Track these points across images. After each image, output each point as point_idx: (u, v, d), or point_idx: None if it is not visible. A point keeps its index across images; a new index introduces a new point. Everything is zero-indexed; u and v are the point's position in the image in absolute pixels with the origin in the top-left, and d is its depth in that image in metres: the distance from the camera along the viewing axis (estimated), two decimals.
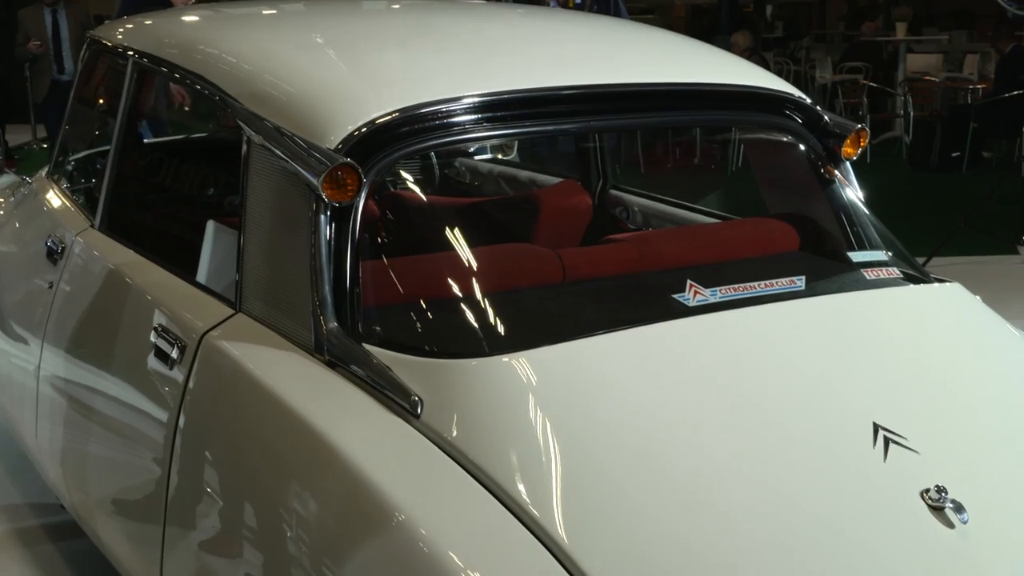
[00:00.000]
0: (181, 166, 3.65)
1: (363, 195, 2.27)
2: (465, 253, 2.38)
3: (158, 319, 2.65)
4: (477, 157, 4.12)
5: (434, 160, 3.90)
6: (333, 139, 2.31)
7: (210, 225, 2.86)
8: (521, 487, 1.90)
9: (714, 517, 1.90)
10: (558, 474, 1.93)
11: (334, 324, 2.22)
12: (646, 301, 2.37)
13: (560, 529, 1.83)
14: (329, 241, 2.26)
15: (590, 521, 1.87)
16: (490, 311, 2.26)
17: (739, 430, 2.05)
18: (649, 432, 2.02)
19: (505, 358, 2.09)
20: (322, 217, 2.26)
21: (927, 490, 1.97)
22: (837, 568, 1.87)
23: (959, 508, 1.95)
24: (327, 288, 2.23)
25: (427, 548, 1.83)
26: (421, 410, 2.05)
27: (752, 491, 1.95)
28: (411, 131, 2.37)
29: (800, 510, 1.93)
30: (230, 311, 2.49)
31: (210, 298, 2.61)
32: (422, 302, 2.31)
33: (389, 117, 2.35)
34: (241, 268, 2.47)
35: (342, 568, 1.97)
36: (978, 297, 2.60)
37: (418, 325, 2.31)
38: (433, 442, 2.01)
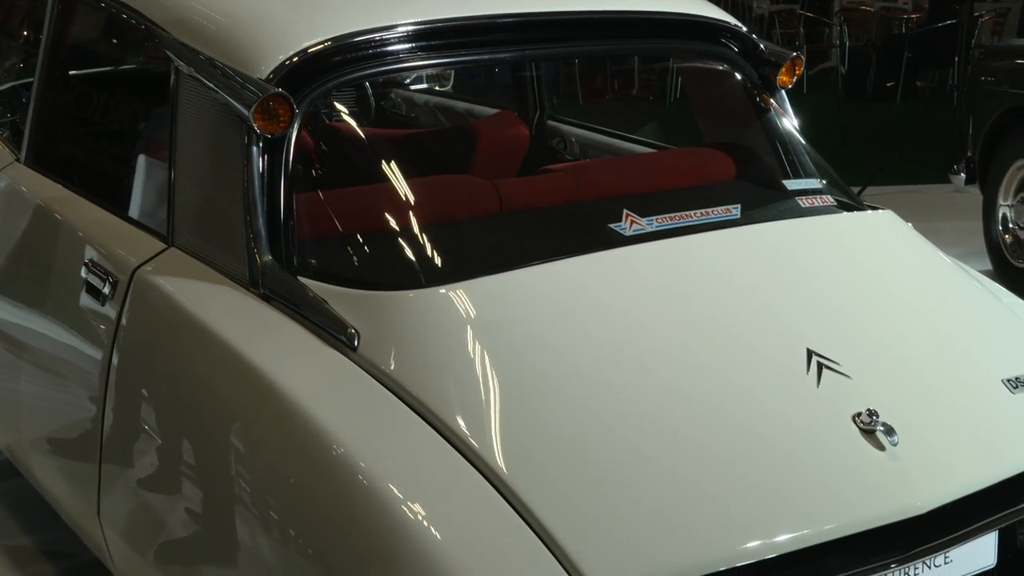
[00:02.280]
0: (109, 98, 3.57)
1: (296, 126, 2.24)
2: (401, 185, 2.36)
3: (89, 254, 2.60)
4: (413, 88, 4.07)
5: (369, 91, 3.85)
6: (264, 69, 2.26)
7: (141, 159, 2.81)
8: (459, 418, 1.90)
9: (651, 442, 1.92)
10: (496, 404, 1.94)
11: (269, 257, 2.20)
12: (583, 231, 2.37)
13: (499, 459, 1.84)
14: (262, 174, 2.22)
15: (529, 450, 1.88)
16: (426, 242, 2.24)
17: (674, 356, 2.07)
18: (586, 359, 2.03)
19: (442, 289, 2.09)
20: (254, 149, 2.22)
21: (859, 414, 2.00)
22: (770, 491, 1.90)
23: (889, 431, 1.99)
24: (261, 221, 2.20)
25: (366, 481, 1.83)
26: (358, 343, 2.04)
27: (687, 414, 1.97)
28: (344, 60, 2.33)
29: (733, 435, 1.96)
30: (162, 246, 2.45)
31: (142, 233, 2.57)
32: (358, 234, 2.29)
33: (322, 46, 2.31)
34: (172, 202, 2.43)
35: (282, 503, 1.97)
36: (910, 224, 2.64)
37: (354, 258, 2.29)
38: (370, 375, 2.01)
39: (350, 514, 1.84)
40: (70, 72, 3.46)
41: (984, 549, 2.10)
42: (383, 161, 2.47)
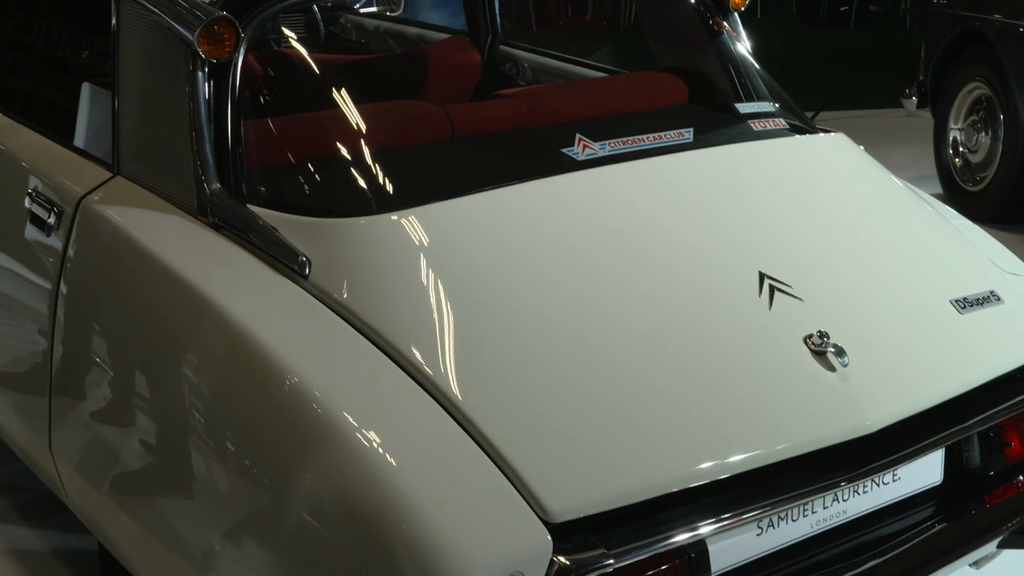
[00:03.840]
0: (51, 25, 3.48)
1: (242, 51, 2.19)
2: (351, 111, 2.33)
3: (33, 184, 2.56)
4: (363, 11, 4.01)
5: (318, 16, 3.79)
6: None
7: (84, 87, 2.75)
8: (413, 345, 1.90)
9: (604, 365, 1.93)
10: (450, 331, 1.93)
11: (217, 185, 2.16)
12: (535, 156, 2.35)
13: (453, 386, 1.84)
14: (208, 100, 2.19)
15: (483, 377, 1.88)
16: (377, 169, 2.22)
17: (627, 280, 2.07)
18: (539, 285, 2.02)
19: (394, 216, 2.07)
20: (200, 75, 2.18)
21: (810, 335, 2.02)
22: (723, 412, 1.92)
23: (840, 352, 2.01)
24: (208, 149, 2.17)
25: (321, 409, 1.83)
26: (309, 271, 2.02)
27: (640, 339, 1.98)
28: None
29: (686, 357, 1.97)
30: (108, 174, 2.41)
31: (87, 162, 2.52)
32: (308, 161, 2.26)
33: None
34: (117, 130, 2.39)
35: (236, 433, 1.96)
36: (862, 147, 2.64)
37: (304, 185, 2.26)
38: (322, 303, 1.99)
39: (305, 444, 1.83)
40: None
41: (931, 467, 2.14)
42: (333, 87, 2.43)
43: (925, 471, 2.13)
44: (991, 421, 2.13)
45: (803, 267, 2.17)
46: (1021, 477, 2.21)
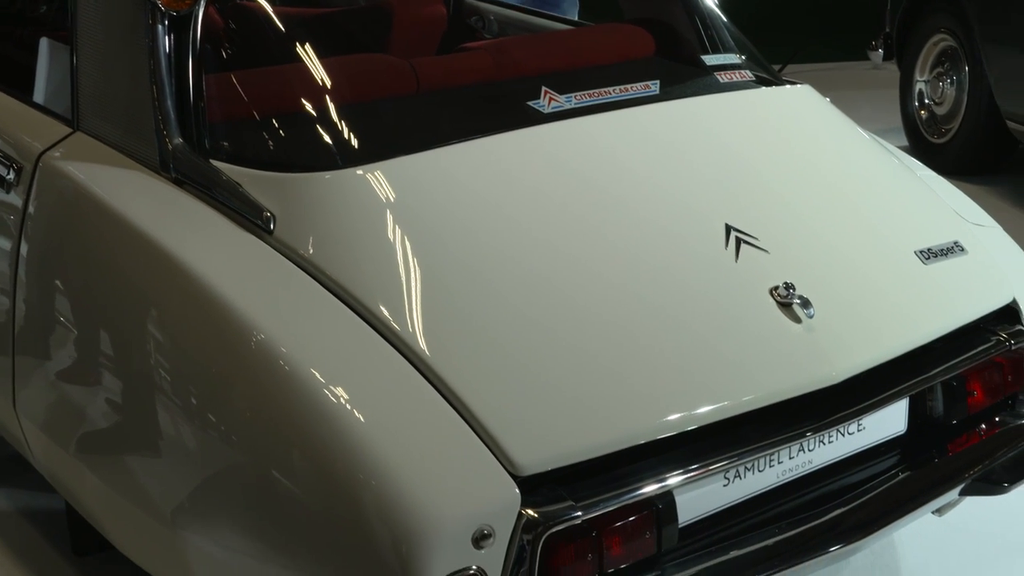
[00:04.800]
0: None
1: (202, 3, 2.16)
2: (315, 65, 2.30)
3: None
4: None
5: None
6: None
7: (43, 42, 2.71)
8: (380, 300, 1.89)
9: (570, 321, 1.93)
10: (417, 285, 1.92)
11: (179, 140, 2.14)
12: (501, 109, 2.34)
13: (420, 342, 1.84)
14: (168, 54, 2.16)
15: (449, 332, 1.87)
16: (342, 123, 2.20)
17: (594, 232, 2.07)
18: (506, 238, 2.02)
19: (359, 170, 2.06)
20: (160, 27, 2.15)
21: (776, 287, 2.03)
22: (690, 365, 1.92)
23: (806, 303, 2.02)
24: (169, 103, 2.14)
25: (288, 366, 1.82)
26: (274, 226, 2.01)
27: (606, 292, 1.98)
28: None
29: (653, 311, 1.98)
30: (67, 130, 2.37)
31: (45, 117, 2.49)
32: (272, 116, 2.23)
33: None
34: (76, 85, 2.35)
35: (202, 391, 1.95)
36: (828, 99, 2.65)
37: (268, 139, 2.24)
38: (288, 259, 1.98)
39: (272, 401, 1.83)
40: None
41: (895, 416, 2.16)
42: (297, 40, 2.40)
43: (889, 421, 2.15)
44: (954, 371, 2.15)
45: (769, 219, 2.17)
46: (983, 426, 2.24)
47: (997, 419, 2.25)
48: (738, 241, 2.09)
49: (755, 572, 1.91)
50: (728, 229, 2.10)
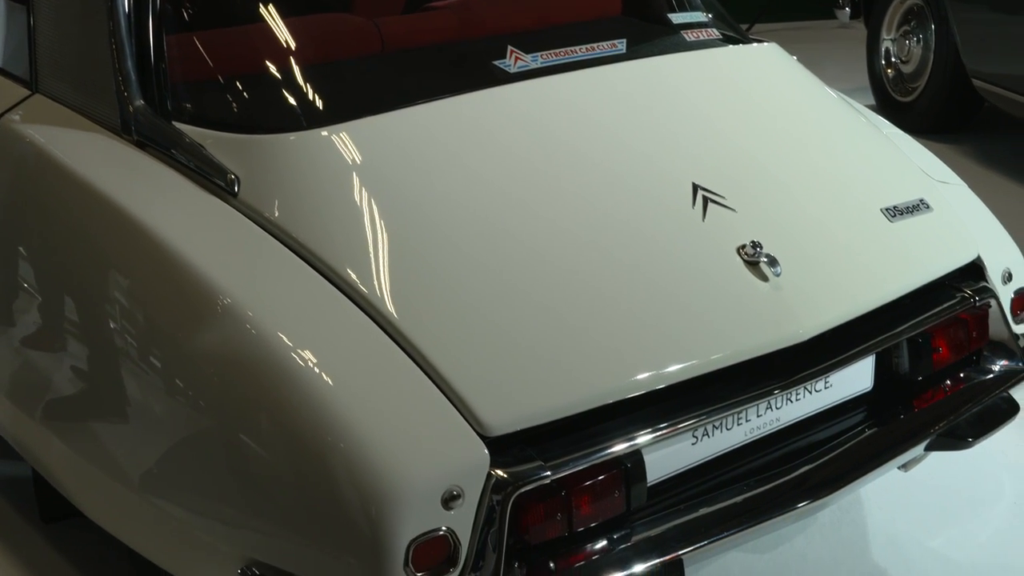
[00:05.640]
0: None
1: None
2: (279, 24, 2.27)
3: None
4: None
5: None
6: None
7: None
8: (346, 262, 1.88)
9: (538, 282, 1.92)
10: (384, 247, 1.91)
11: (140, 102, 2.11)
12: (467, 69, 2.32)
13: (388, 304, 1.83)
14: (128, 14, 2.13)
15: (417, 294, 1.87)
16: (306, 84, 2.18)
17: (562, 192, 2.06)
18: (471, 200, 2.01)
19: (324, 131, 2.04)
20: None
21: (743, 246, 2.03)
22: (658, 324, 1.93)
23: (773, 262, 2.02)
24: (130, 64, 2.11)
25: (255, 330, 1.81)
26: (238, 188, 1.99)
27: (574, 252, 1.98)
28: None
29: (621, 271, 1.97)
30: (26, 92, 2.34)
31: (3, 79, 2.45)
32: (235, 77, 2.21)
33: None
34: (34, 46, 2.32)
35: (169, 356, 1.93)
36: (795, 57, 2.64)
37: (231, 101, 2.21)
38: (254, 221, 1.96)
39: (240, 365, 1.82)
40: None
41: (862, 373, 2.18)
42: (260, 0, 2.37)
43: (856, 378, 2.17)
44: (920, 327, 2.16)
45: (736, 177, 2.17)
46: (948, 382, 2.26)
47: (962, 375, 2.28)
48: (705, 200, 2.09)
49: (724, 529, 1.92)
50: (695, 188, 2.10)
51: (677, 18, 2.63)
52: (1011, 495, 2.67)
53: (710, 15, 2.67)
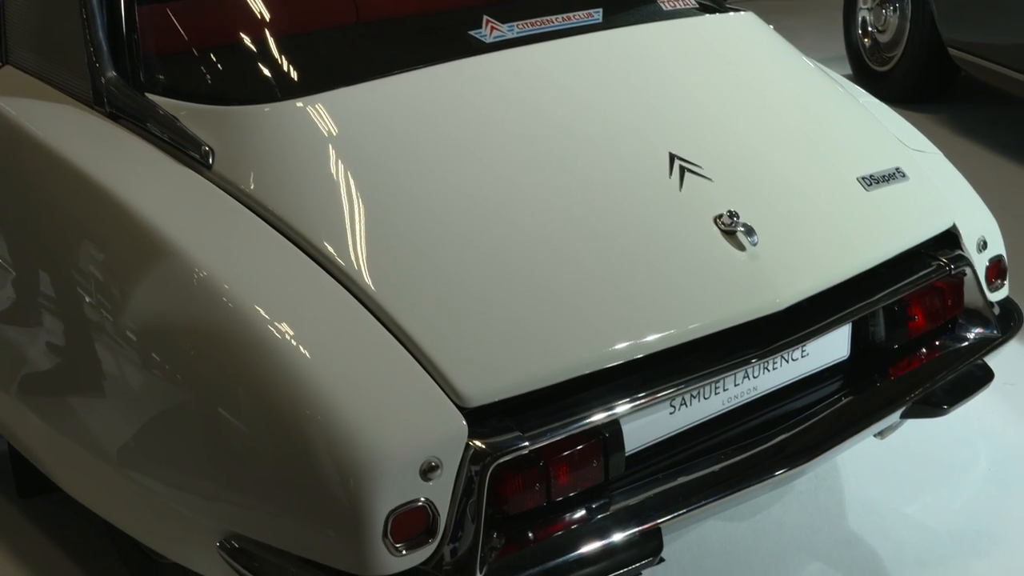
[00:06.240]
0: None
1: None
2: None
3: None
4: None
5: None
6: None
7: None
8: (323, 235, 1.87)
9: (516, 253, 1.92)
10: (360, 219, 1.90)
11: (112, 73, 2.09)
12: (442, 39, 2.31)
13: (365, 277, 1.83)
14: None
15: (394, 267, 1.86)
16: (281, 54, 2.16)
17: (538, 162, 2.06)
18: (449, 169, 2.00)
19: (299, 102, 2.02)
20: None
21: (720, 215, 2.03)
22: (636, 294, 1.93)
23: (750, 231, 2.02)
24: (101, 35, 2.09)
25: (232, 303, 1.80)
26: (213, 160, 1.97)
27: (551, 223, 1.97)
28: None
29: (599, 241, 1.97)
30: None
31: None
32: (208, 48, 2.19)
33: None
34: (3, 16, 2.29)
35: (145, 330, 1.92)
36: (771, 26, 2.63)
37: (205, 72, 2.19)
38: (229, 193, 1.95)
39: (216, 338, 1.81)
40: None
41: (838, 342, 2.19)
42: None
43: (833, 346, 2.18)
44: (896, 296, 2.17)
45: (713, 147, 2.17)
46: (924, 350, 2.27)
47: (937, 343, 2.29)
48: (682, 170, 2.08)
49: (702, 497, 1.93)
50: (672, 158, 2.10)
51: None
52: (986, 462, 2.69)
53: None
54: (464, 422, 1.72)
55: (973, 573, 2.35)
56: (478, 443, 1.72)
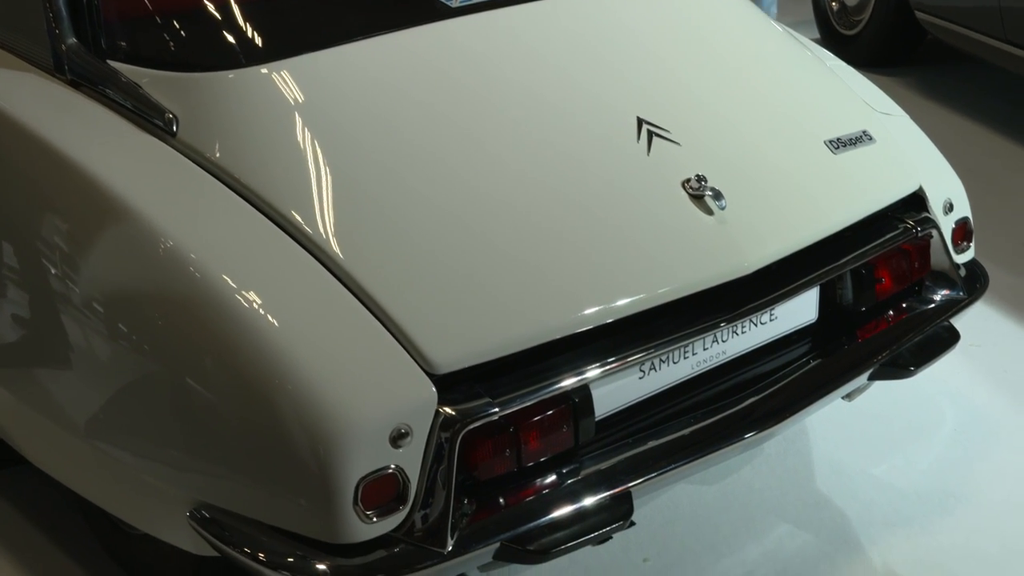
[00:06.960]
0: None
1: None
2: None
3: None
4: None
5: None
6: None
7: None
8: (290, 203, 1.86)
9: (484, 219, 1.91)
10: (328, 186, 1.89)
11: (73, 40, 2.06)
12: (409, 4, 2.29)
13: (333, 244, 1.82)
14: None
15: (362, 234, 1.85)
16: (245, 20, 2.13)
17: (506, 127, 2.05)
18: (415, 137, 1.99)
19: (264, 68, 2.00)
20: None
21: (688, 180, 2.03)
22: (604, 259, 1.93)
23: (718, 195, 2.02)
24: (61, 1, 2.05)
25: (199, 273, 1.79)
26: (177, 128, 1.95)
27: (519, 188, 1.97)
28: None
29: (566, 206, 1.97)
30: None
31: None
32: (170, 13, 2.16)
33: None
34: None
35: (112, 301, 1.90)
36: None
37: (168, 38, 2.16)
38: (194, 161, 1.93)
39: (184, 308, 1.80)
40: None
41: (807, 305, 2.20)
42: None
43: (801, 309, 2.19)
44: (863, 259, 2.18)
45: (680, 110, 2.16)
46: (891, 312, 2.29)
47: (904, 305, 2.30)
48: (650, 134, 2.08)
49: (672, 461, 1.94)
50: (640, 122, 2.09)
51: None
52: (952, 423, 2.72)
53: None
54: (434, 389, 1.72)
55: (939, 532, 2.38)
56: (448, 410, 1.72)
